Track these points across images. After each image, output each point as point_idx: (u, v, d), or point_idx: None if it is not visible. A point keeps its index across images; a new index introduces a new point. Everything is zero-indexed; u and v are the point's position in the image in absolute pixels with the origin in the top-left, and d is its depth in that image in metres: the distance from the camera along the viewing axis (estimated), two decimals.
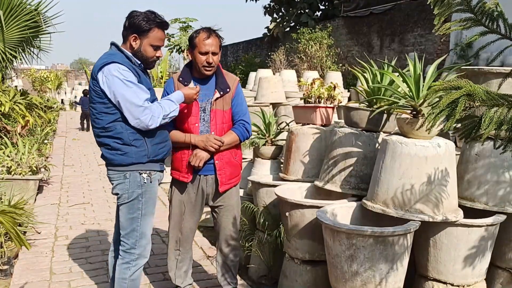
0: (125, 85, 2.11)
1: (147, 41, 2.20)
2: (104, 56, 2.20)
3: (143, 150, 2.20)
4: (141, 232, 2.27)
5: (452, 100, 1.33)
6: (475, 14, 1.46)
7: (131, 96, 2.11)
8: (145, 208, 2.27)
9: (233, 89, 2.52)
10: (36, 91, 17.27)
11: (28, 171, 4.81)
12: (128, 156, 2.18)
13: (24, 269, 3.21)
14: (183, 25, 16.76)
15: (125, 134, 2.16)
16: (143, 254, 2.30)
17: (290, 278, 2.73)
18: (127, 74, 2.13)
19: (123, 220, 2.27)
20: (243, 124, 2.54)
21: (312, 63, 10.75)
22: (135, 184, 2.22)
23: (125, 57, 2.19)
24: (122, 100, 2.11)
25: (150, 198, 2.29)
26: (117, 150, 2.18)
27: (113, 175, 2.24)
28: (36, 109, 6.77)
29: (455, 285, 2.29)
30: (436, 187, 2.18)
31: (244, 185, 3.75)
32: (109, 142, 2.19)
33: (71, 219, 4.44)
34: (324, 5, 15.58)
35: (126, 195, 2.23)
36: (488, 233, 2.26)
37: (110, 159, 2.21)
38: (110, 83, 2.11)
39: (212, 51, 2.39)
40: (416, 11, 9.75)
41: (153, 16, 2.20)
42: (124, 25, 2.21)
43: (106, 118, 2.16)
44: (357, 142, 2.63)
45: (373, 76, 2.65)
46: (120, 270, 2.29)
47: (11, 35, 6.66)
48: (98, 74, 2.13)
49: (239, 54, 18.15)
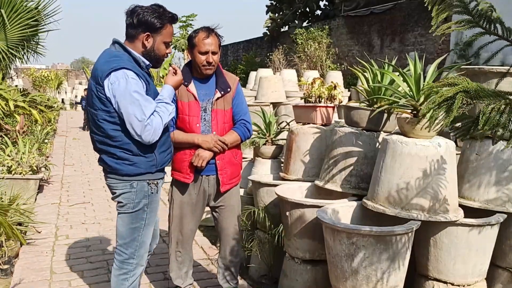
0: (130, 96, 1.94)
1: (160, 38, 2.06)
2: (108, 57, 2.02)
3: (152, 160, 2.08)
4: (142, 241, 2.16)
5: (449, 96, 1.33)
6: (473, 16, 1.46)
7: (135, 111, 1.95)
8: (149, 218, 2.15)
9: (233, 88, 2.52)
10: (37, 91, 17.26)
11: (28, 170, 4.81)
12: (137, 167, 2.05)
13: (25, 268, 3.21)
14: (184, 24, 16.77)
15: (132, 145, 2.02)
16: (140, 263, 2.20)
17: (290, 278, 2.73)
18: (135, 84, 1.96)
19: (123, 229, 2.13)
20: (244, 123, 2.54)
21: (311, 62, 10.75)
22: (141, 194, 2.10)
23: (132, 59, 2.04)
24: (125, 114, 1.96)
25: (154, 208, 2.18)
26: (125, 160, 2.04)
27: (116, 184, 2.09)
28: (39, 106, 6.78)
29: (456, 285, 2.29)
30: (437, 186, 2.18)
31: (244, 185, 3.75)
32: (115, 152, 2.03)
33: (71, 218, 4.44)
34: (324, 5, 15.58)
35: (131, 204, 2.10)
36: (488, 233, 2.26)
37: (116, 168, 2.05)
38: (115, 92, 1.95)
39: (212, 51, 2.37)
40: (416, 10, 9.75)
41: (162, 11, 2.04)
42: (131, 23, 2.03)
43: (111, 127, 2.01)
44: (357, 142, 2.63)
45: (374, 76, 2.65)
46: (117, 282, 2.16)
47: (13, 34, 6.67)
48: (105, 80, 1.95)
49: (239, 54, 18.15)
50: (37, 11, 6.81)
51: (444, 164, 2.19)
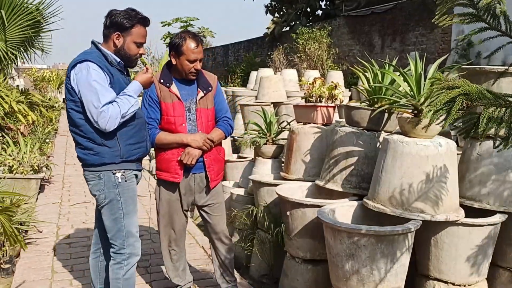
0: (89, 85, 2.08)
1: (130, 38, 2.19)
2: (80, 54, 2.18)
3: (116, 151, 2.18)
4: (127, 231, 2.26)
5: (449, 98, 1.33)
6: (477, 9, 1.46)
7: (92, 97, 2.08)
8: (125, 207, 2.25)
9: (214, 87, 2.58)
10: (38, 90, 17.29)
11: (29, 170, 4.82)
12: (100, 156, 2.16)
13: (26, 267, 3.22)
14: (184, 24, 16.77)
15: (95, 134, 2.14)
16: (133, 252, 2.29)
17: (291, 277, 2.74)
18: (96, 74, 2.10)
19: (107, 222, 2.26)
20: (227, 120, 2.61)
21: (312, 62, 10.73)
22: (110, 184, 2.20)
23: (102, 55, 2.17)
24: (85, 101, 2.10)
25: (129, 197, 2.27)
26: (90, 150, 2.17)
27: (88, 175, 2.23)
28: (38, 107, 6.78)
29: (456, 285, 2.29)
30: (437, 186, 2.18)
31: (245, 184, 3.76)
32: (82, 142, 2.17)
33: (72, 218, 4.44)
34: (325, 4, 15.57)
35: (102, 195, 2.22)
36: (489, 233, 2.26)
37: (84, 159, 2.19)
38: (78, 81, 2.10)
39: (199, 58, 2.44)
40: (417, 10, 9.73)
41: (134, 13, 2.19)
42: (105, 24, 2.19)
43: (76, 116, 2.15)
44: (358, 141, 2.63)
45: (374, 76, 2.65)
46: (113, 271, 2.28)
47: (13, 34, 6.67)
48: (71, 72, 2.13)
49: (240, 54, 18.13)
50: (38, 11, 6.81)
51: (445, 164, 2.19)
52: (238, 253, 3.44)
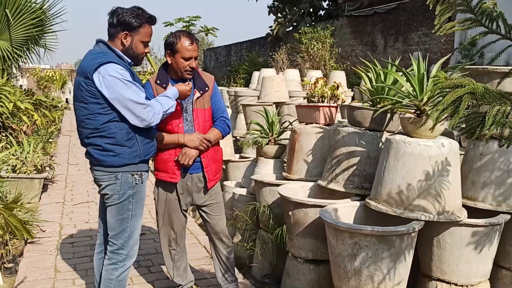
0: (125, 84, 2.08)
1: (138, 37, 2.18)
2: (95, 54, 2.14)
3: (135, 151, 2.18)
4: (131, 232, 2.26)
5: (456, 97, 1.33)
6: (475, 14, 1.46)
7: (132, 95, 2.09)
8: (135, 209, 2.25)
9: (211, 87, 2.58)
10: (41, 90, 17.34)
11: (33, 169, 4.84)
12: (121, 157, 2.15)
13: (29, 267, 3.23)
14: (187, 24, 16.78)
15: (119, 134, 2.12)
16: (130, 254, 2.29)
17: (293, 277, 2.74)
18: (125, 74, 2.10)
19: (113, 221, 2.25)
20: (224, 120, 2.61)
21: (314, 62, 10.72)
22: (126, 185, 2.20)
23: (116, 56, 2.16)
24: (123, 100, 2.08)
25: (140, 199, 2.27)
26: (109, 151, 2.14)
27: (102, 176, 2.20)
28: (41, 107, 6.81)
29: (459, 285, 2.29)
30: (440, 186, 2.17)
31: (247, 184, 3.76)
32: (101, 143, 2.14)
33: (75, 217, 4.46)
34: (327, 5, 15.55)
35: (116, 196, 2.20)
36: (492, 233, 2.25)
37: (102, 160, 2.16)
38: (108, 83, 2.06)
39: (194, 56, 2.44)
40: (420, 10, 9.71)
41: (141, 12, 2.17)
42: (111, 23, 2.16)
43: (101, 119, 2.11)
44: (360, 142, 2.63)
45: (377, 76, 2.65)
46: (107, 271, 2.27)
47: (17, 33, 6.71)
48: (94, 74, 2.07)
49: (242, 54, 18.13)
50: (42, 11, 6.84)
51: (448, 164, 2.19)
52: (240, 253, 3.44)
